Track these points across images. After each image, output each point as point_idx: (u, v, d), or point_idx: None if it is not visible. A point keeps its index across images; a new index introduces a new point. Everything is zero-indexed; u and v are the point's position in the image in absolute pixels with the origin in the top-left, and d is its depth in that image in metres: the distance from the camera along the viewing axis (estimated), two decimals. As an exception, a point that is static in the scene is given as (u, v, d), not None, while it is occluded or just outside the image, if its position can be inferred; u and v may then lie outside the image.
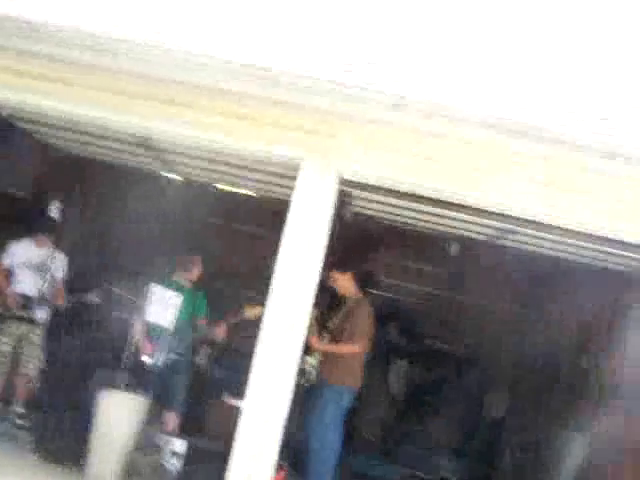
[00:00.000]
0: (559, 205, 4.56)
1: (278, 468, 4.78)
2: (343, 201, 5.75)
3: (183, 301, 6.20)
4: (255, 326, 4.75)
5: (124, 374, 5.96)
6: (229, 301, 7.30)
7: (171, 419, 6.34)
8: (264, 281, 4.70)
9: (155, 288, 6.16)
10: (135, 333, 6.23)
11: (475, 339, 9.17)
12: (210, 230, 9.04)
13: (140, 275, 6.74)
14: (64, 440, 5.69)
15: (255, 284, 7.97)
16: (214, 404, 7.20)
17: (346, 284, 6.19)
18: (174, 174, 7.51)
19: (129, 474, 5.61)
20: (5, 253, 6.50)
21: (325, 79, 4.11)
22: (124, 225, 9.19)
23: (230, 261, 9.23)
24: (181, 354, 6.39)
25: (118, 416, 5.59)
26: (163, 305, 6.12)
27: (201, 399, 7.09)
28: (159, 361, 6.20)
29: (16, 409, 6.32)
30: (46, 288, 6.49)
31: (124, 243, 8.80)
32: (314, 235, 4.54)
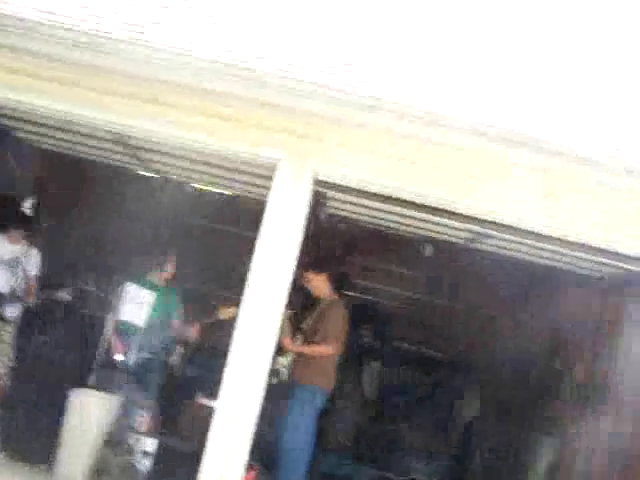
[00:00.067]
0: (533, 209, 4.61)
1: (249, 468, 4.79)
2: (319, 202, 5.77)
3: (157, 300, 6.18)
4: (229, 326, 4.75)
5: (96, 372, 5.94)
6: (204, 301, 7.28)
7: (143, 418, 6.31)
8: (240, 281, 4.70)
9: (129, 287, 6.13)
10: (108, 331, 6.19)
11: (449, 342, 9.22)
12: (186, 229, 9.00)
13: (114, 273, 6.70)
14: (33, 438, 5.63)
15: (231, 284, 8.00)
16: (187, 404, 7.17)
17: (321, 285, 6.19)
18: (151, 172, 7.47)
19: (99, 473, 5.58)
20: None
21: (303, 81, 4.13)
22: (99, 223, 9.14)
23: (206, 260, 9.20)
24: (154, 353, 6.36)
25: (89, 415, 5.55)
26: (137, 304, 6.09)
27: (174, 399, 7.05)
28: (131, 360, 6.18)
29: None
30: (18, 285, 6.43)
31: (99, 241, 8.76)
32: (289, 235, 4.56)
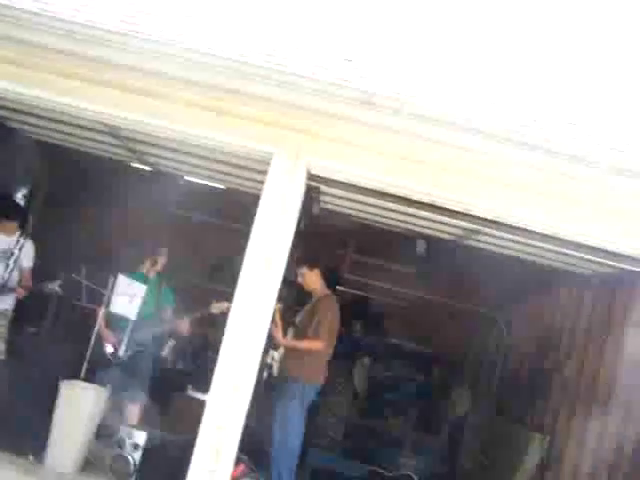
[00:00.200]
0: (529, 207, 4.61)
1: (237, 462, 4.78)
2: (312, 196, 5.76)
3: (148, 292, 6.15)
4: (221, 320, 4.73)
5: (87, 365, 5.91)
6: (196, 294, 7.27)
7: (133, 411, 6.30)
8: (232, 275, 4.69)
9: (120, 279, 6.10)
10: (98, 324, 6.17)
11: (440, 338, 9.24)
12: (178, 222, 8.99)
13: (106, 265, 6.67)
14: (24, 431, 5.61)
15: (223, 278, 7.99)
16: (178, 397, 7.17)
17: (314, 280, 6.20)
18: (144, 165, 7.44)
19: (89, 465, 5.57)
20: None
21: (297, 75, 4.12)
22: (91, 215, 9.11)
23: (198, 254, 9.19)
24: (145, 346, 6.35)
25: (79, 407, 5.54)
26: (128, 296, 6.07)
27: (164, 392, 7.04)
28: (122, 352, 6.16)
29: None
30: (10, 276, 6.37)
31: (91, 232, 8.73)
32: (282, 229, 4.54)
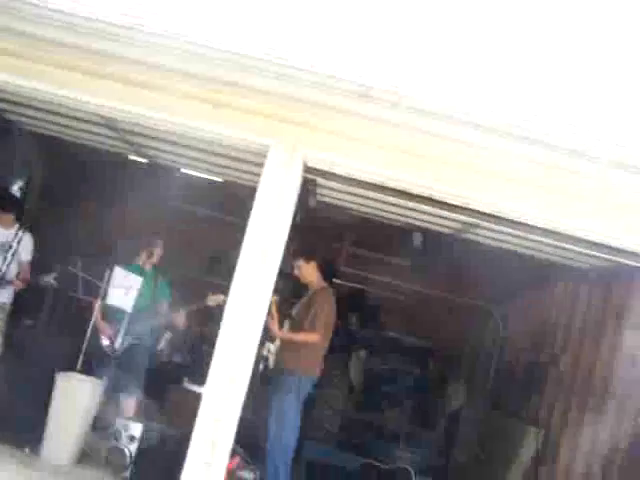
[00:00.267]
0: (528, 201, 4.62)
1: (232, 454, 4.79)
2: (308, 189, 5.75)
3: (144, 285, 6.15)
4: (218, 313, 4.73)
5: (83, 357, 5.91)
6: (192, 287, 7.26)
7: (129, 403, 6.31)
8: (228, 267, 4.69)
9: (116, 271, 6.09)
10: (95, 316, 6.16)
11: (437, 331, 9.25)
12: (175, 215, 8.97)
13: (102, 257, 6.66)
14: (20, 423, 5.61)
15: (219, 270, 7.98)
16: (174, 389, 7.17)
17: (310, 272, 6.20)
18: (141, 157, 7.42)
19: (85, 457, 5.58)
20: None
21: (295, 67, 4.11)
22: (88, 207, 9.11)
23: (195, 246, 9.19)
24: (141, 338, 6.35)
25: (75, 399, 5.55)
26: (124, 288, 6.06)
27: (161, 384, 7.04)
28: (118, 345, 6.17)
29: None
30: (8, 269, 6.35)
31: (87, 224, 8.72)
32: (278, 221, 4.54)
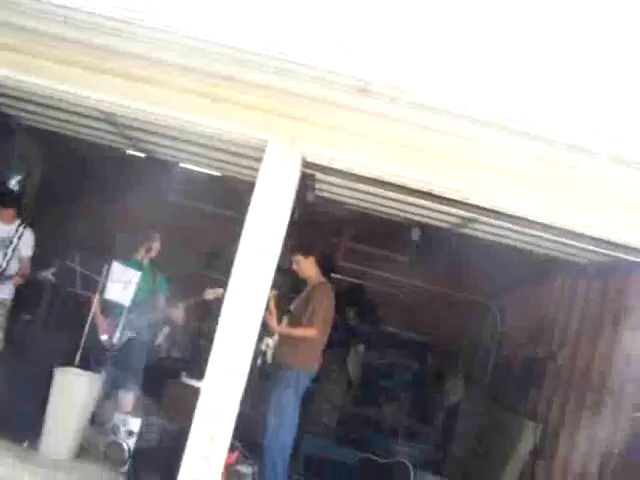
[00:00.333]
0: (528, 196, 4.62)
1: (231, 449, 4.80)
2: (307, 184, 5.75)
3: (142, 279, 6.15)
4: (216, 307, 4.73)
5: (81, 352, 5.92)
6: (190, 281, 7.27)
7: (127, 398, 6.30)
8: (226, 262, 4.69)
9: (115, 266, 6.09)
10: (93, 311, 6.16)
11: (435, 326, 9.26)
12: (173, 209, 8.97)
13: (101, 252, 6.66)
14: (18, 417, 5.62)
15: (217, 264, 7.98)
16: (172, 384, 7.17)
17: (308, 267, 6.19)
18: (140, 151, 7.41)
19: (84, 452, 5.58)
20: None
21: (294, 62, 4.10)
22: (86, 201, 9.10)
23: (193, 241, 9.19)
24: (139, 333, 6.35)
25: (74, 394, 5.55)
26: (122, 283, 6.05)
27: (159, 379, 7.04)
28: (117, 339, 6.16)
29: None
30: (8, 265, 6.34)
31: (85, 219, 8.72)
32: (277, 216, 4.54)
